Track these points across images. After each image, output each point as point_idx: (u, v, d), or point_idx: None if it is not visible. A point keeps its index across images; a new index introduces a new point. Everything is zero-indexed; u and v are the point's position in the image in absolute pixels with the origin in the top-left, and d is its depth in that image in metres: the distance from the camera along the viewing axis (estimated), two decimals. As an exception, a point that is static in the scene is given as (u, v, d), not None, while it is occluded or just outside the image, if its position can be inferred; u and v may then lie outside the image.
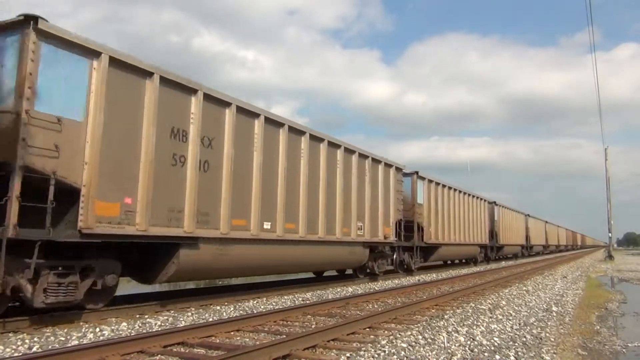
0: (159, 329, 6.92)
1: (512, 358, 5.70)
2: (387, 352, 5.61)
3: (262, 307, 9.38)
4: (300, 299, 10.76)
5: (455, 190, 23.79)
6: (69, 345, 5.83)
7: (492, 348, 6.12)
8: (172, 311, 8.64)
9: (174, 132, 8.43)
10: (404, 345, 5.98)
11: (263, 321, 7.46)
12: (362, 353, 5.57)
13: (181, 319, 7.86)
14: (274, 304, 9.95)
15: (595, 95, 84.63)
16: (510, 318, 8.46)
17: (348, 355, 5.55)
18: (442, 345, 6.11)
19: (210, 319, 7.87)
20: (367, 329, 7.15)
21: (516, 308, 9.71)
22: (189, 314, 8.44)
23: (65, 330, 6.72)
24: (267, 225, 10.52)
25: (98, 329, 6.78)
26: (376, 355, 5.50)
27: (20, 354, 5.41)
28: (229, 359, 4.86)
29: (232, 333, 6.71)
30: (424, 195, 19.77)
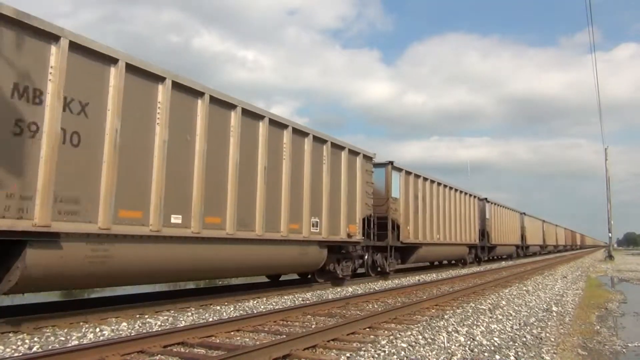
0: (159, 329, 6.91)
1: (512, 358, 5.70)
2: (387, 352, 5.61)
3: (262, 307, 9.38)
4: (300, 299, 10.77)
5: (440, 184, 21.10)
6: (69, 345, 5.83)
7: (492, 348, 6.12)
8: (172, 311, 8.64)
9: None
10: (404, 345, 5.98)
11: (263, 321, 7.46)
12: (362, 353, 5.57)
13: (181, 319, 7.86)
14: (274, 304, 9.95)
15: (595, 95, 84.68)
16: (510, 318, 8.46)
17: (348, 355, 5.55)
18: (442, 345, 6.11)
19: (210, 319, 7.87)
20: (367, 329, 7.15)
21: (516, 308, 9.71)
22: (189, 313, 8.44)
23: (65, 330, 6.72)
24: (177, 218, 8.36)
25: (98, 329, 6.78)
26: (376, 355, 5.50)
27: (20, 354, 5.41)
28: (229, 359, 4.86)
29: (232, 333, 6.71)
30: (400, 188, 17.31)
